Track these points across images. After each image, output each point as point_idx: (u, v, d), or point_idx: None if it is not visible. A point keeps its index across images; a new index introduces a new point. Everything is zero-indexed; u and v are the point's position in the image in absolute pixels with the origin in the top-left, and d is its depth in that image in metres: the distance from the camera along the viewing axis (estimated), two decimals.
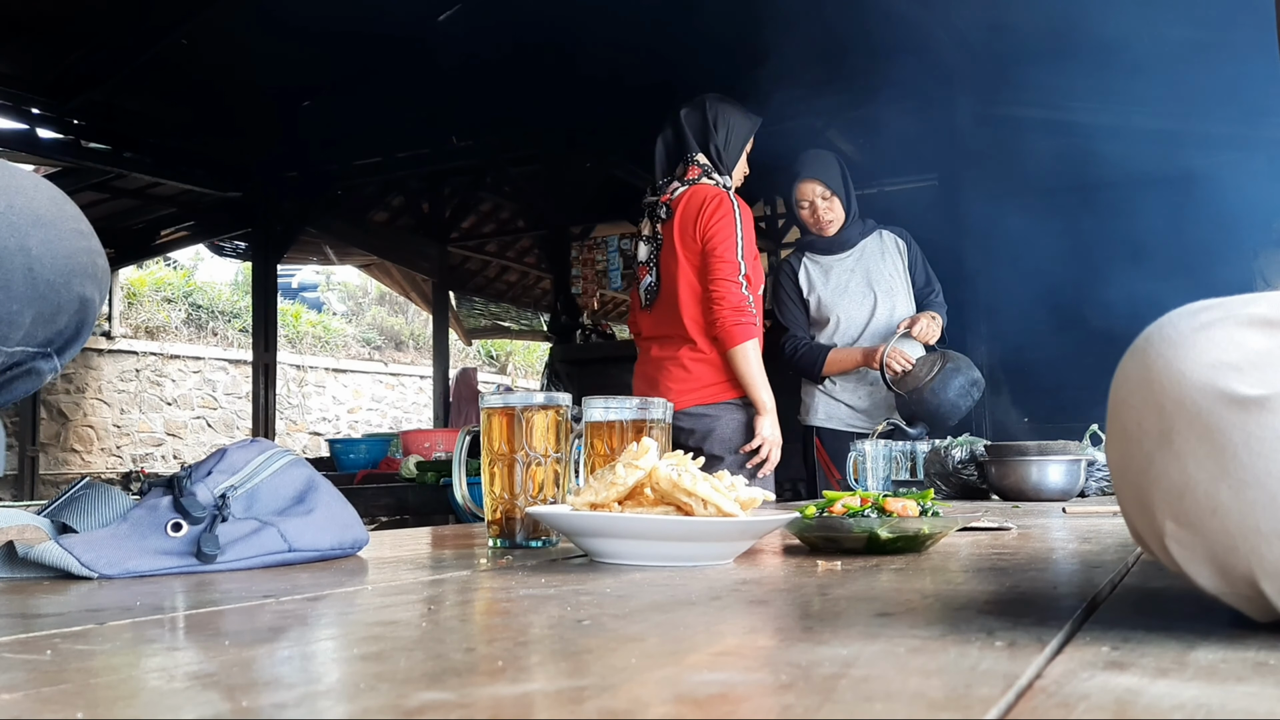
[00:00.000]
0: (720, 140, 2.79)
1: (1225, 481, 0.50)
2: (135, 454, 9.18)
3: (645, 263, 2.84)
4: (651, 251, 2.82)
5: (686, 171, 2.78)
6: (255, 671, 0.48)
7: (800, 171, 3.17)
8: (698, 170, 2.77)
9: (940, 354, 3.05)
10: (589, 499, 0.96)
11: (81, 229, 0.84)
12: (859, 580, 0.81)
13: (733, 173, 2.82)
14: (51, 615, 0.67)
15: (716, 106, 2.83)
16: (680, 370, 2.73)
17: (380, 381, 11.68)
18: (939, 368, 2.97)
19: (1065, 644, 0.53)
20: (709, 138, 2.79)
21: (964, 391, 2.96)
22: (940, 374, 2.95)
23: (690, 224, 2.69)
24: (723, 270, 2.62)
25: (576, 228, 7.94)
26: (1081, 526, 1.38)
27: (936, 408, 2.93)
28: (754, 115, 2.91)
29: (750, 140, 2.89)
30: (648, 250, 2.83)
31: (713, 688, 0.43)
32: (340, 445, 5.04)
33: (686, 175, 2.78)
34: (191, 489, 0.93)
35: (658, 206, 2.80)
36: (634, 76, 5.33)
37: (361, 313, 13.35)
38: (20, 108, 5.94)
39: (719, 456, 2.70)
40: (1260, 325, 0.53)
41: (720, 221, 2.64)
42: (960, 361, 3.02)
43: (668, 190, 2.79)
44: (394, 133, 6.97)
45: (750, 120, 2.89)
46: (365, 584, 0.83)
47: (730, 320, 2.62)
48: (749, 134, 2.88)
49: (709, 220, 2.65)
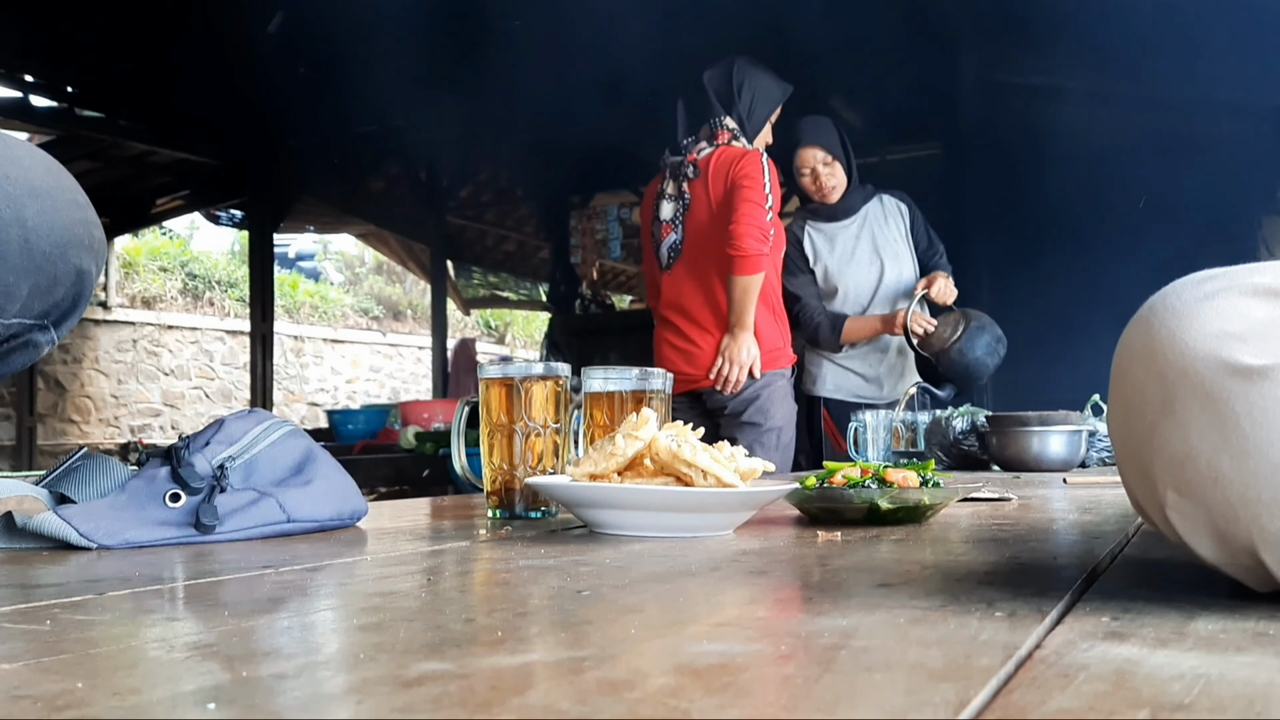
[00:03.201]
0: (744, 105, 2.76)
1: (1227, 451, 0.50)
2: (133, 424, 9.19)
3: (670, 221, 2.80)
4: (677, 210, 2.78)
5: (716, 135, 2.75)
6: (255, 642, 0.48)
7: (800, 138, 3.12)
8: (727, 134, 2.74)
9: (960, 312, 3.01)
10: (588, 470, 0.96)
11: (78, 200, 0.83)
12: (859, 551, 0.82)
13: (755, 140, 2.79)
14: (50, 586, 0.67)
15: (745, 71, 2.78)
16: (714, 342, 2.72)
17: (378, 351, 11.68)
18: (964, 326, 2.94)
19: (1065, 614, 0.53)
20: (733, 102, 2.76)
21: (991, 349, 2.94)
22: (966, 332, 2.93)
23: (721, 179, 2.67)
24: (751, 194, 2.59)
25: (575, 196, 7.91)
26: (1082, 497, 1.38)
27: (965, 367, 2.91)
28: (783, 83, 2.86)
29: (778, 108, 2.86)
30: (672, 209, 2.79)
31: (712, 658, 0.43)
32: (339, 416, 5.06)
33: (716, 138, 2.74)
34: (190, 459, 0.92)
35: (684, 165, 2.76)
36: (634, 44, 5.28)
37: (359, 282, 13.32)
38: (13, 75, 5.89)
39: (757, 424, 2.70)
40: (1264, 295, 0.53)
41: (752, 166, 2.63)
42: (982, 319, 2.99)
43: (694, 150, 2.76)
44: (391, 100, 6.91)
45: (781, 87, 2.84)
46: (364, 555, 0.83)
47: (753, 245, 2.56)
48: (778, 102, 2.84)
49: (740, 168, 2.64)
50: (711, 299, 2.71)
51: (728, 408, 2.74)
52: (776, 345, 2.77)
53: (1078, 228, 4.97)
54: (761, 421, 2.71)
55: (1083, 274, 4.79)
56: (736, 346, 2.65)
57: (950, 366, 2.91)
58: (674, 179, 2.79)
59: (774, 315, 2.79)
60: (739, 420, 2.72)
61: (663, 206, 2.81)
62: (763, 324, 2.72)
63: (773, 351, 2.74)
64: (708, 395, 2.76)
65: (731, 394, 2.71)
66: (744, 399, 2.71)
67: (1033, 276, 4.96)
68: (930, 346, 2.97)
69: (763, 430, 2.70)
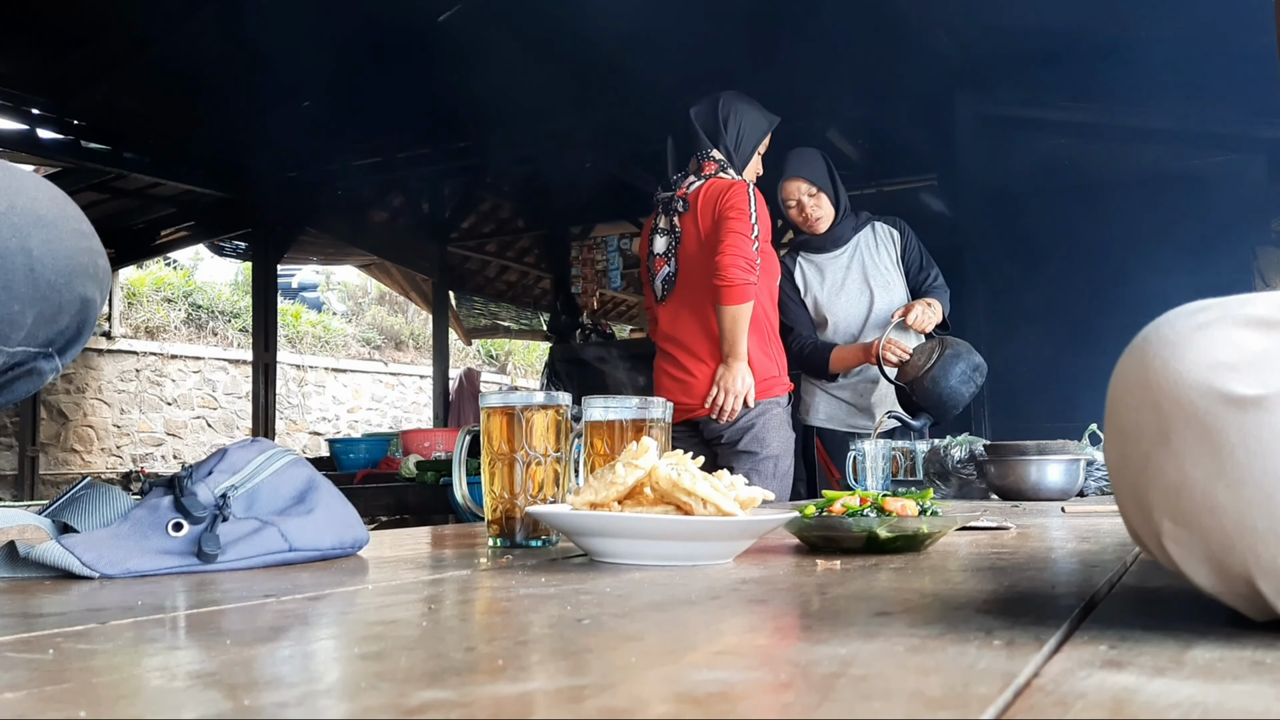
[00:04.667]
0: (731, 138, 2.81)
1: (1222, 480, 0.50)
2: (135, 454, 9.17)
3: (663, 255, 2.85)
4: (670, 244, 2.84)
5: (702, 167, 2.80)
6: (256, 670, 0.48)
7: (785, 170, 3.15)
8: (713, 165, 2.79)
9: (938, 340, 2.96)
10: (589, 498, 0.96)
11: (83, 229, 0.84)
12: (858, 579, 0.82)
13: (744, 171, 2.83)
14: (53, 615, 0.67)
15: (730, 104, 2.84)
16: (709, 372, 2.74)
17: (380, 381, 11.68)
18: (938, 355, 2.87)
19: (1063, 643, 0.53)
20: (719, 135, 2.81)
21: (966, 378, 2.86)
22: (940, 361, 2.85)
23: (709, 211, 2.71)
24: (737, 225, 2.62)
25: (576, 227, 7.94)
26: (1080, 526, 1.38)
27: (938, 396, 2.84)
28: (770, 114, 2.90)
29: (766, 139, 2.89)
30: (665, 243, 2.85)
31: (712, 686, 0.43)
32: (340, 445, 5.04)
33: (703, 170, 2.79)
34: (192, 489, 0.93)
35: (674, 201, 2.81)
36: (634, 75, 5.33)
37: (361, 312, 13.35)
38: (20, 108, 5.94)
39: (753, 453, 2.71)
40: (1257, 325, 0.53)
41: (738, 197, 2.67)
42: (960, 347, 2.91)
43: (683, 185, 2.81)
44: (394, 132, 6.96)
45: (767, 118, 2.88)
46: (366, 583, 0.84)
47: (739, 274, 2.59)
48: (764, 132, 2.88)
49: (727, 199, 2.68)
50: (706, 329, 2.73)
51: (724, 437, 2.75)
52: (771, 374, 2.78)
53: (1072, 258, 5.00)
54: (758, 450, 2.72)
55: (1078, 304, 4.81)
56: (731, 376, 2.67)
57: (924, 395, 2.85)
58: (665, 214, 2.85)
59: (768, 344, 2.81)
60: (735, 449, 2.73)
61: (656, 241, 2.87)
62: (756, 353, 2.73)
63: (767, 380, 2.76)
64: (704, 424, 2.77)
65: (727, 423, 2.72)
66: (739, 428, 2.73)
67: (1028, 306, 4.97)
68: (904, 375, 2.93)
69: (759, 459, 2.71)
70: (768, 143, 2.91)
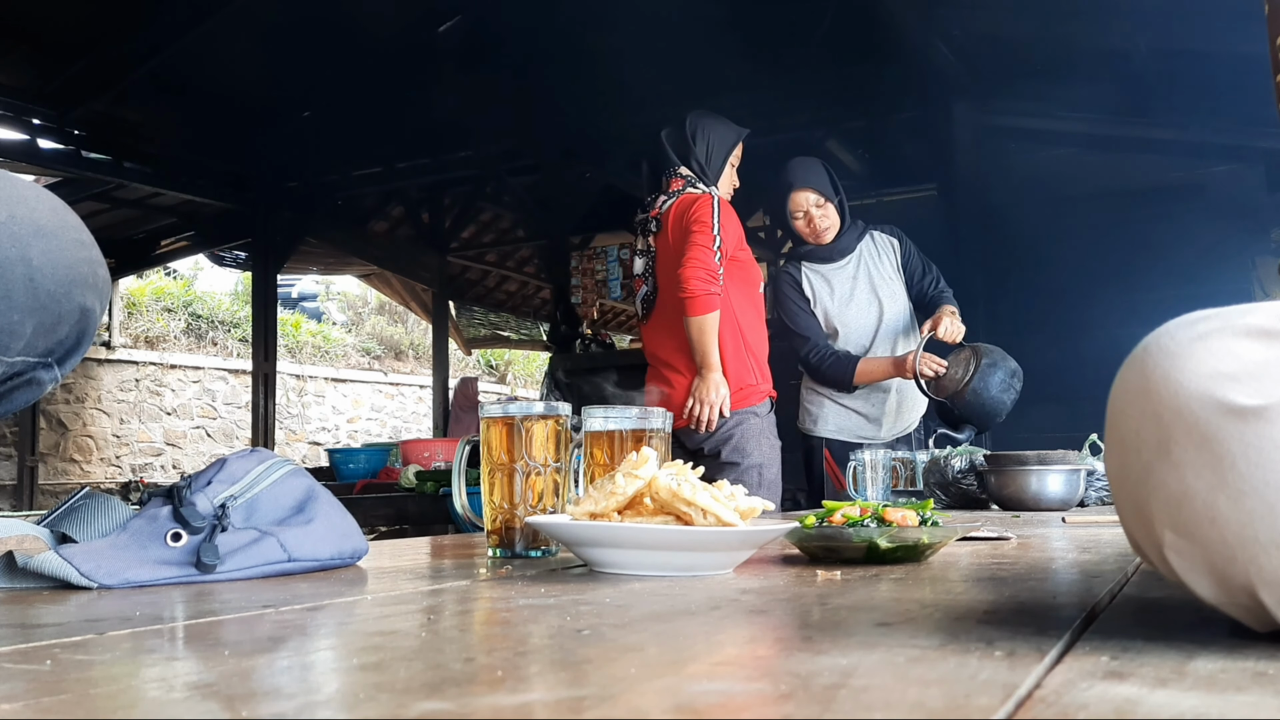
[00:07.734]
0: (701, 153, 2.86)
1: (1223, 491, 0.50)
2: (135, 464, 9.17)
3: (642, 275, 2.92)
4: (647, 264, 2.91)
5: (670, 184, 2.84)
6: (255, 681, 0.48)
7: (792, 182, 3.09)
8: (680, 182, 2.84)
9: (970, 349, 2.87)
10: (588, 508, 0.96)
11: (83, 239, 0.84)
12: (858, 590, 0.81)
13: (718, 184, 2.85)
14: (51, 625, 0.67)
15: (696, 121, 2.89)
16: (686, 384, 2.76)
17: (380, 391, 11.68)
18: (975, 365, 2.79)
19: (1064, 654, 0.53)
20: (689, 152, 2.86)
21: (1006, 385, 2.78)
22: (978, 372, 2.77)
23: (678, 227, 2.77)
24: (699, 238, 2.66)
25: (576, 237, 7.95)
26: (1081, 536, 1.38)
27: (981, 407, 2.76)
28: (738, 127, 2.93)
29: (736, 151, 2.91)
30: (643, 263, 2.92)
31: (712, 697, 0.43)
32: (340, 455, 5.04)
33: (670, 188, 2.85)
34: (191, 499, 0.93)
35: (648, 222, 2.88)
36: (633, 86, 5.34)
37: (361, 322, 13.35)
38: (21, 118, 5.96)
39: (735, 463, 2.71)
40: (1258, 335, 0.53)
41: (701, 210, 2.71)
42: (994, 354, 2.83)
43: (655, 205, 2.87)
44: (394, 143, 6.98)
45: (734, 131, 2.91)
46: (365, 594, 0.83)
47: (700, 286, 2.62)
48: (732, 145, 2.91)
49: (692, 213, 2.72)
50: (683, 344, 2.76)
51: (705, 448, 2.76)
52: (748, 382, 2.78)
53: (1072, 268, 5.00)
54: (739, 460, 2.72)
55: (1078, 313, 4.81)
56: (705, 386, 2.69)
57: (966, 408, 2.77)
58: (642, 235, 2.91)
59: (745, 353, 2.81)
60: (718, 461, 2.74)
61: (635, 262, 2.94)
62: (732, 362, 2.74)
63: (744, 389, 2.76)
64: (685, 436, 2.78)
65: (706, 434, 2.72)
66: (719, 439, 2.74)
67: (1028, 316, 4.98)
68: (943, 390, 2.84)
69: (741, 469, 2.71)
70: (739, 154, 2.93)
